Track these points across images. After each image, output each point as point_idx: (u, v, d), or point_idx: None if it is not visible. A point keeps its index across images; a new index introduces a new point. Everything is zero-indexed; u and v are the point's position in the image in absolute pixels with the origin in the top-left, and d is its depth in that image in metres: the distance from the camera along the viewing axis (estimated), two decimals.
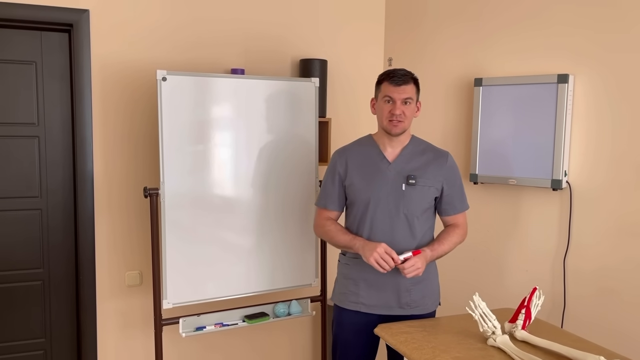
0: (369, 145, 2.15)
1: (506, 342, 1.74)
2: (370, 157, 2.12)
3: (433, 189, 2.09)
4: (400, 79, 2.02)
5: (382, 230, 2.07)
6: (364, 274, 2.10)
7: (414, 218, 2.07)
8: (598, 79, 2.26)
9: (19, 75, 2.51)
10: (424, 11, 2.96)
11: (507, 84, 2.47)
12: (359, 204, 2.10)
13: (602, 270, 2.27)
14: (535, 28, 2.45)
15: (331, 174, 2.18)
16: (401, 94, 2.01)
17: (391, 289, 2.09)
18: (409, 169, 2.08)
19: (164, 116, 2.35)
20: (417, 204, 2.07)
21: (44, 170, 2.60)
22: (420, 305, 2.12)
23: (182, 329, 2.46)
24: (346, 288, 2.16)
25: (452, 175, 2.13)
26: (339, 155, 2.19)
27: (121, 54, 2.59)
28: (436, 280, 2.20)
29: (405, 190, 2.06)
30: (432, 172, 2.09)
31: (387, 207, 2.07)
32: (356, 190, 2.11)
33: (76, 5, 2.49)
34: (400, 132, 2.05)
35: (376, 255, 1.94)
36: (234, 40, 2.82)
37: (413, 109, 2.07)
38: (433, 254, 2.05)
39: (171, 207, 2.40)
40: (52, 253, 2.64)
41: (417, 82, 2.08)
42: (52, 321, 2.68)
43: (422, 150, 2.13)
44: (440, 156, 2.13)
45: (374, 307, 2.11)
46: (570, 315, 2.36)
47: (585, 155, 2.31)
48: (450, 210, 2.15)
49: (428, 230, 2.14)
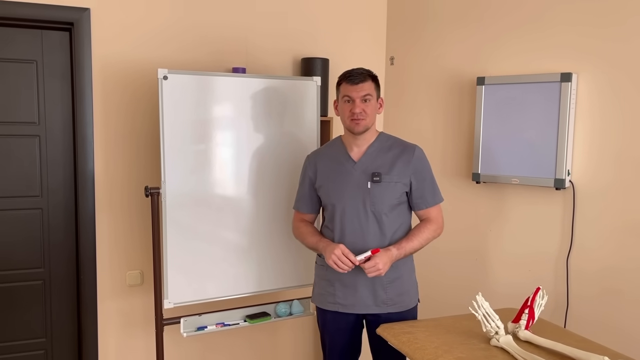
0: (337, 147, 2.20)
1: (509, 342, 1.73)
2: (337, 159, 2.17)
3: (400, 185, 2.09)
4: (357, 77, 2.06)
5: (352, 230, 2.09)
6: (337, 275, 2.12)
7: (382, 215, 2.08)
8: (601, 77, 2.25)
9: (19, 74, 2.51)
10: (426, 10, 2.95)
11: (510, 83, 2.46)
12: (329, 206, 2.16)
13: (605, 270, 2.26)
14: (538, 27, 2.43)
15: (302, 178, 2.27)
16: (359, 92, 2.05)
17: (366, 288, 2.11)
18: (375, 166, 2.10)
19: (165, 115, 2.34)
20: (384, 200, 2.08)
21: (45, 169, 2.59)
22: (397, 303, 2.13)
23: (183, 328, 2.45)
24: (323, 289, 2.20)
25: (420, 168, 2.12)
26: (309, 159, 2.26)
27: (122, 53, 2.59)
28: (412, 276, 2.21)
29: (370, 188, 2.08)
30: (398, 167, 2.09)
31: (355, 206, 2.09)
32: (325, 193, 2.16)
33: (77, 3, 2.48)
34: (362, 130, 2.07)
35: (334, 257, 2.00)
36: (235, 39, 2.81)
37: (374, 105, 2.09)
38: (400, 252, 2.05)
39: (172, 207, 2.39)
40: (53, 252, 2.64)
41: (375, 79, 2.11)
42: (53, 321, 2.67)
43: (389, 147, 2.14)
44: (407, 150, 2.12)
45: (351, 306, 2.14)
46: (573, 315, 2.35)
47: (589, 154, 2.30)
48: (421, 204, 2.14)
49: (400, 227, 2.13)
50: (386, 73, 3.23)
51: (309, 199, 2.25)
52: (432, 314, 2.88)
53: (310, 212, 2.28)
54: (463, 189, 2.78)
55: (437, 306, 2.93)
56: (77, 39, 2.50)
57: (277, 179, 2.59)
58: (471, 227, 2.75)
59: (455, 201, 2.82)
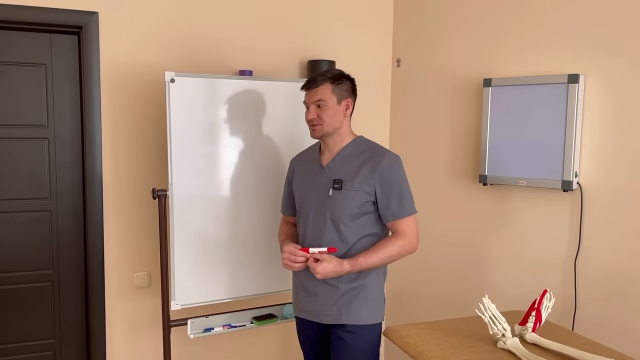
0: (314, 151, 2.17)
1: (516, 345, 1.72)
2: (310, 164, 2.15)
3: (362, 193, 1.97)
4: (312, 82, 2.00)
5: (312, 236, 2.06)
6: (302, 281, 2.10)
7: (340, 224, 1.99)
8: (609, 78, 2.24)
9: (29, 77, 2.53)
10: (433, 12, 2.95)
11: (517, 85, 2.45)
12: (299, 209, 2.15)
13: (613, 272, 2.24)
14: (545, 28, 2.43)
15: (285, 180, 2.30)
16: (312, 97, 2.00)
17: (325, 297, 2.03)
18: (340, 173, 2.02)
19: (173, 118, 2.36)
20: (343, 209, 1.98)
21: (54, 171, 2.61)
22: (355, 315, 2.01)
23: (190, 330, 2.46)
24: (294, 296, 2.19)
25: (387, 176, 1.97)
26: (291, 162, 2.27)
27: (130, 56, 2.61)
28: (376, 291, 2.05)
29: (331, 195, 2.01)
30: (362, 175, 1.98)
31: (317, 213, 2.04)
32: (296, 197, 2.16)
33: (85, 7, 2.51)
34: (319, 136, 2.03)
35: (285, 261, 2.00)
36: (241, 41, 2.82)
37: (331, 110, 1.98)
38: (353, 268, 1.93)
39: (180, 209, 2.40)
40: (61, 254, 2.66)
41: (338, 80, 1.99)
42: (62, 322, 2.69)
43: (360, 152, 2.03)
44: (375, 157, 1.99)
45: (311, 314, 2.09)
46: (581, 318, 2.33)
47: (597, 156, 2.29)
48: (387, 216, 1.99)
49: (365, 238, 2.01)
50: (393, 75, 3.23)
51: (290, 202, 2.24)
52: (438, 316, 2.88)
53: (292, 214, 2.25)
54: (470, 191, 2.77)
55: (443, 308, 2.92)
56: (85, 43, 2.52)
57: (283, 180, 2.60)
58: (478, 229, 2.74)
59: (461, 203, 2.81)
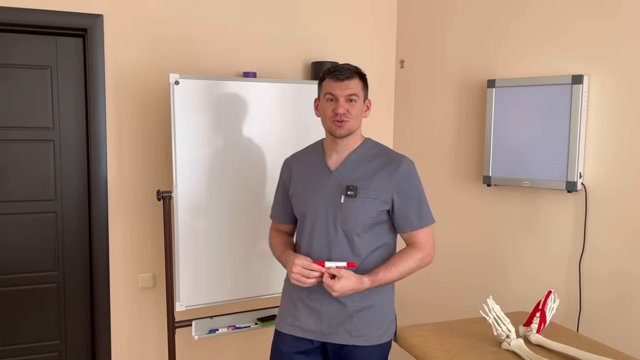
0: (316, 151, 1.94)
1: (521, 346, 1.72)
2: (313, 166, 1.91)
3: (378, 202, 1.81)
4: (342, 73, 1.78)
5: (320, 247, 1.84)
6: (302, 294, 1.88)
7: (353, 235, 1.81)
8: (613, 79, 2.23)
9: (34, 80, 2.55)
10: (436, 13, 2.95)
11: (521, 85, 2.45)
12: (299, 217, 1.91)
13: (618, 273, 2.24)
14: (549, 28, 2.42)
15: (278, 183, 2.04)
16: (344, 90, 1.77)
17: (330, 315, 1.84)
18: (352, 178, 1.83)
19: (177, 120, 2.37)
20: (358, 218, 1.80)
21: (59, 173, 2.63)
22: (364, 335, 1.83)
23: (194, 331, 2.46)
24: (284, 309, 1.94)
25: (405, 184, 1.82)
26: (285, 163, 2.02)
27: (134, 58, 2.62)
28: (388, 307, 1.90)
29: (344, 202, 1.81)
30: (379, 181, 1.81)
31: (325, 221, 1.83)
32: (296, 202, 1.92)
33: (90, 10, 2.52)
34: (346, 134, 1.81)
35: (296, 275, 1.75)
36: (245, 43, 2.83)
37: (360, 107, 1.82)
38: (373, 284, 1.77)
39: (184, 210, 2.41)
40: (66, 255, 2.67)
41: (364, 77, 1.84)
42: (67, 323, 2.70)
43: (373, 156, 1.87)
44: (392, 162, 1.83)
45: (311, 332, 1.87)
46: (586, 319, 2.33)
47: (601, 156, 2.28)
48: (404, 226, 1.85)
49: (379, 249, 1.86)
50: (396, 76, 3.23)
51: (283, 208, 2.00)
52: (443, 317, 2.87)
53: (286, 222, 2.01)
54: (474, 192, 2.77)
55: (447, 309, 2.92)
56: (90, 45, 2.53)
57: None
58: (482, 230, 2.74)
59: (466, 204, 2.81)
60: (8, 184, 2.54)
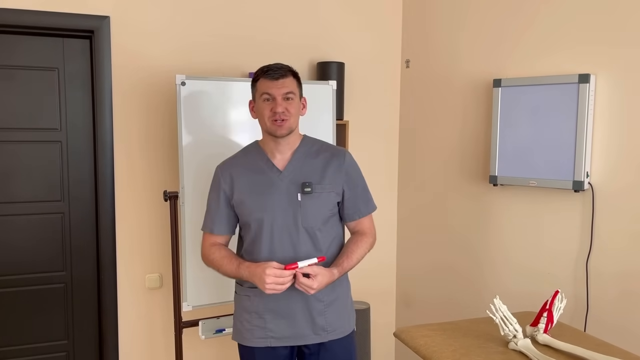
0: (256, 154, 1.90)
1: (528, 346, 1.72)
2: (258, 168, 1.87)
3: (333, 194, 1.85)
4: (277, 72, 1.79)
5: (283, 250, 1.81)
6: (269, 305, 1.84)
7: (315, 231, 1.83)
8: (620, 78, 2.22)
9: (42, 81, 2.56)
10: (442, 12, 2.94)
11: (527, 85, 2.44)
12: (253, 224, 1.83)
13: (626, 273, 2.23)
14: (555, 27, 2.42)
15: (215, 193, 1.90)
16: (281, 88, 1.78)
17: (303, 316, 1.85)
18: (303, 175, 1.84)
19: (183, 120, 2.37)
20: (317, 214, 1.83)
21: (66, 174, 2.64)
22: (337, 329, 1.89)
23: (201, 331, 2.47)
24: (250, 323, 1.88)
25: (353, 175, 1.89)
26: (221, 169, 1.91)
27: (141, 60, 2.63)
28: (349, 295, 1.98)
29: (301, 200, 1.81)
30: (330, 175, 1.85)
31: (285, 222, 1.81)
32: (247, 209, 1.84)
33: (97, 12, 2.53)
34: (286, 133, 1.81)
35: (270, 285, 1.68)
36: (251, 44, 2.84)
37: (297, 105, 1.83)
38: (340, 274, 1.83)
39: (191, 211, 2.42)
40: (74, 256, 2.68)
41: (297, 75, 1.87)
42: (75, 323, 2.71)
43: (316, 152, 1.89)
44: (337, 155, 1.89)
45: (286, 339, 1.86)
46: (593, 319, 2.32)
47: (608, 156, 2.27)
48: (354, 214, 1.91)
49: (334, 240, 1.90)
50: (402, 76, 3.23)
51: (225, 218, 1.89)
52: (449, 317, 2.87)
53: (226, 232, 1.92)
54: (480, 192, 2.76)
55: (454, 309, 2.92)
56: (97, 47, 2.55)
57: None
58: (489, 230, 2.73)
59: (472, 204, 2.81)
60: (16, 185, 2.56)
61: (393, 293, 3.31)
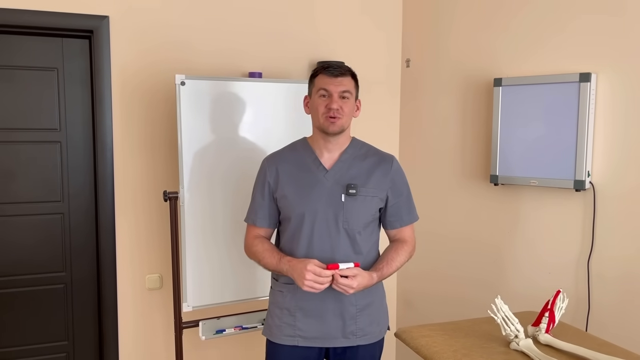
0: (304, 150, 1.90)
1: (529, 346, 1.71)
2: (304, 165, 1.87)
3: (377, 199, 1.85)
4: (336, 70, 1.79)
5: (321, 249, 1.81)
6: (301, 303, 1.84)
7: (355, 233, 1.83)
8: (621, 77, 2.22)
9: (41, 81, 2.56)
10: (442, 11, 2.94)
11: (528, 84, 2.43)
12: (294, 219, 1.84)
13: (627, 272, 2.22)
14: (556, 26, 2.41)
15: (260, 185, 1.92)
16: (338, 86, 1.78)
17: (334, 318, 1.84)
18: (349, 177, 1.84)
19: (183, 120, 2.37)
20: (359, 217, 1.83)
21: (66, 174, 2.64)
22: (367, 334, 1.88)
23: (201, 332, 2.47)
24: (280, 320, 1.88)
25: (398, 182, 1.90)
26: (268, 163, 1.92)
27: (140, 59, 2.62)
28: (384, 302, 1.97)
29: (344, 201, 1.81)
30: (375, 179, 1.85)
31: (326, 222, 1.81)
32: (289, 204, 1.85)
33: (96, 11, 2.53)
34: (338, 131, 1.80)
35: (309, 283, 1.68)
36: (251, 43, 2.83)
37: (352, 105, 1.83)
38: (379, 279, 1.83)
39: (191, 211, 2.41)
40: (74, 256, 2.68)
41: (355, 77, 1.86)
42: (75, 324, 2.71)
43: (364, 155, 1.89)
44: (385, 161, 1.89)
45: (314, 339, 1.85)
46: (595, 319, 2.31)
47: (609, 155, 2.27)
48: (396, 222, 1.91)
49: (373, 245, 1.90)
50: (402, 75, 3.22)
51: (268, 211, 1.91)
52: (451, 317, 2.86)
53: (268, 225, 1.93)
54: (481, 191, 2.76)
55: (455, 309, 2.91)
56: (96, 47, 2.54)
57: None
58: (489, 230, 2.73)
59: (473, 203, 2.80)
60: (15, 186, 2.55)
61: (394, 293, 3.30)
